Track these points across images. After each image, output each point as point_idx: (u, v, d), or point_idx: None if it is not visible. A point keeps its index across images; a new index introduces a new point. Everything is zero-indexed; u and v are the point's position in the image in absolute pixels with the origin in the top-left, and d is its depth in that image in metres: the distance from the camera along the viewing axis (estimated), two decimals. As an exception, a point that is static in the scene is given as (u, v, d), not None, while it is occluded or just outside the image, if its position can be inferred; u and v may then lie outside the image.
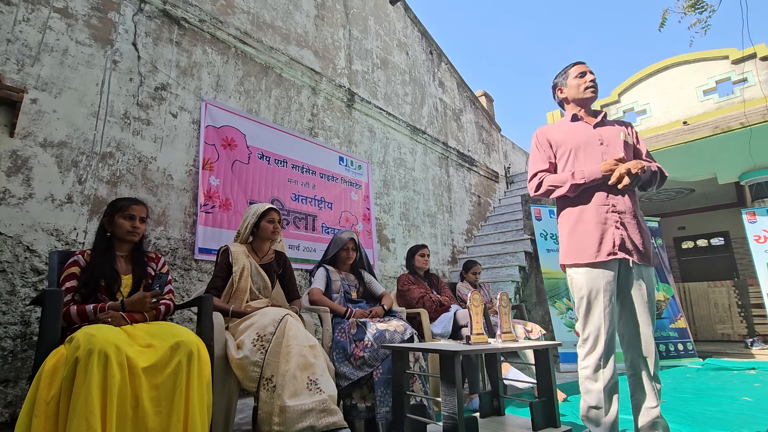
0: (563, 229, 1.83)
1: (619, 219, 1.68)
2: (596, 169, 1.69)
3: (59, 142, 2.49)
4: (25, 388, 2.13)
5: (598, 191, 1.72)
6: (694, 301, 7.23)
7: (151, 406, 1.34)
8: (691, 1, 3.32)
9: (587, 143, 1.79)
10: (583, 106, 1.90)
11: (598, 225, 1.69)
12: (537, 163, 1.89)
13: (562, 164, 1.84)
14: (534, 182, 1.86)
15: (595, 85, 1.85)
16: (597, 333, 1.63)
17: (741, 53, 5.59)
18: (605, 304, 1.63)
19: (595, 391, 1.62)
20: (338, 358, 2.07)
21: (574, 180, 1.72)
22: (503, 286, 4.88)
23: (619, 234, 1.66)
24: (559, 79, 1.96)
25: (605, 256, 1.65)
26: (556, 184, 1.78)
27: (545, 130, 1.93)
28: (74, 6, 2.68)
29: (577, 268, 1.73)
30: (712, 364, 4.38)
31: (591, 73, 1.87)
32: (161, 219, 2.88)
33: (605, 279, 1.65)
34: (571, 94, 1.90)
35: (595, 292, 1.65)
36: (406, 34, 6.06)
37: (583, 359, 1.67)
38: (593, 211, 1.71)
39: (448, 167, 6.24)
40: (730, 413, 2.41)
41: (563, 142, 1.84)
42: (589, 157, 1.77)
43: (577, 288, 1.72)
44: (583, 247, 1.70)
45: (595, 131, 1.82)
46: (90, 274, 1.67)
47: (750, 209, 5.10)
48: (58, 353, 1.35)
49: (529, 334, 3.14)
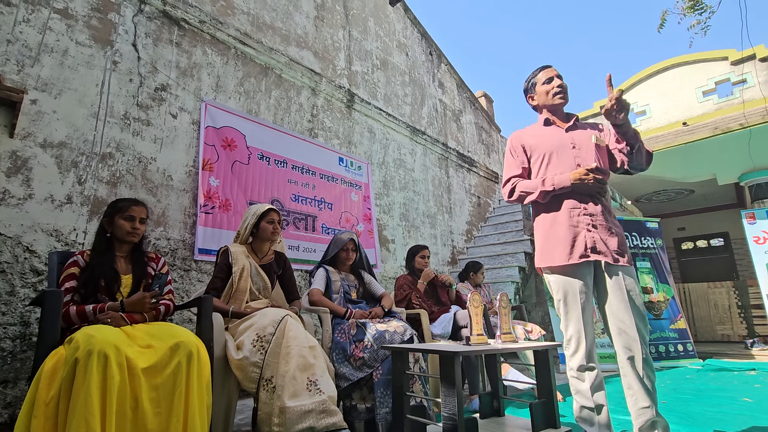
0: (538, 232, 1.87)
1: (591, 222, 1.71)
2: (565, 178, 1.72)
3: (59, 142, 2.49)
4: (25, 388, 2.13)
5: (569, 197, 1.76)
6: (693, 302, 7.23)
7: (150, 406, 1.33)
8: (690, 3, 3.32)
9: (560, 147, 1.82)
10: (554, 112, 1.93)
11: (570, 228, 1.72)
12: (510, 168, 1.93)
13: (536, 168, 1.87)
14: (507, 187, 1.90)
15: (563, 90, 1.88)
16: (578, 335, 1.66)
17: (740, 54, 5.60)
18: (581, 306, 1.67)
19: (584, 391, 1.64)
20: (338, 358, 2.07)
21: (543, 187, 1.76)
22: (503, 286, 4.88)
23: (591, 236, 1.69)
24: (527, 85, 1.98)
25: (577, 259, 1.68)
26: (527, 191, 1.82)
27: (519, 135, 1.96)
28: (74, 7, 2.69)
29: (552, 273, 1.76)
30: (712, 365, 4.38)
31: (558, 78, 1.89)
32: (161, 219, 2.88)
33: (579, 281, 1.69)
34: (541, 100, 1.93)
35: (571, 295, 1.69)
36: (406, 35, 6.06)
37: (570, 360, 1.70)
38: (565, 215, 1.74)
39: (448, 168, 6.24)
40: (730, 414, 2.41)
41: (537, 147, 1.87)
42: (561, 161, 1.80)
43: (555, 291, 1.76)
44: (556, 251, 1.74)
45: (567, 135, 1.85)
46: (90, 275, 1.67)
47: (749, 210, 5.10)
48: (57, 354, 1.35)
49: (528, 334, 3.14)
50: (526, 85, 1.99)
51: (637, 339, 1.61)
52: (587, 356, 1.65)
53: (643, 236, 5.23)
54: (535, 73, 1.95)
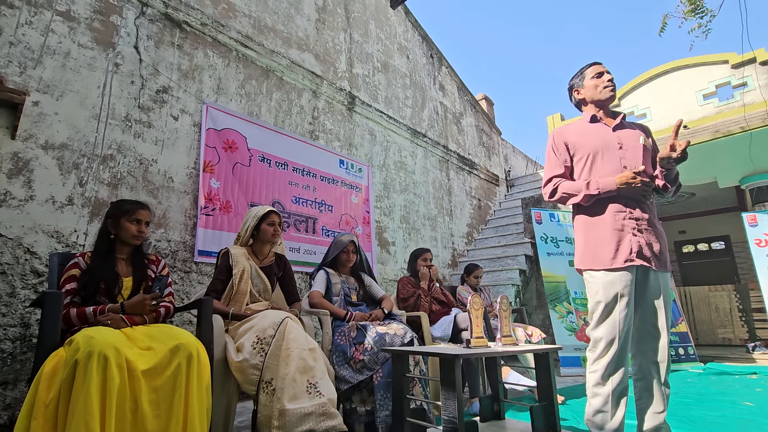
0: (579, 233, 1.80)
1: (636, 226, 1.66)
2: (611, 181, 1.66)
3: (60, 144, 2.49)
4: (24, 390, 2.13)
5: (614, 201, 1.69)
6: (695, 305, 7.22)
7: (150, 408, 1.33)
8: (691, 6, 3.33)
9: (606, 147, 1.75)
10: (602, 107, 1.86)
11: (615, 232, 1.66)
12: (552, 167, 1.85)
13: (579, 168, 1.80)
14: (549, 188, 1.83)
15: (613, 84, 1.82)
16: (610, 338, 1.60)
17: (741, 58, 5.61)
18: (621, 310, 1.60)
19: (603, 395, 1.59)
20: (338, 361, 2.07)
21: (588, 191, 1.70)
22: (503, 289, 4.87)
23: (637, 241, 1.64)
24: (575, 80, 1.92)
25: (622, 263, 1.63)
26: (570, 192, 1.75)
27: (562, 131, 1.88)
28: (77, 9, 2.70)
29: (594, 272, 1.69)
30: (713, 369, 4.36)
31: (608, 73, 1.84)
32: (162, 221, 2.88)
33: (622, 284, 1.62)
34: (589, 94, 1.86)
35: (612, 298, 1.62)
36: (407, 38, 6.08)
37: (593, 363, 1.64)
38: (610, 218, 1.69)
39: (449, 170, 6.25)
40: (731, 418, 2.40)
41: (581, 145, 1.80)
42: (607, 162, 1.73)
43: (594, 292, 1.69)
44: (599, 253, 1.68)
45: (614, 134, 1.78)
46: (90, 277, 1.67)
47: (751, 212, 5.09)
48: (57, 355, 1.35)
49: (529, 337, 3.13)
50: (573, 80, 1.93)
51: (667, 346, 1.61)
52: (616, 361, 1.59)
53: (644, 239, 5.21)
54: (584, 68, 1.89)
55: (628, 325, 1.62)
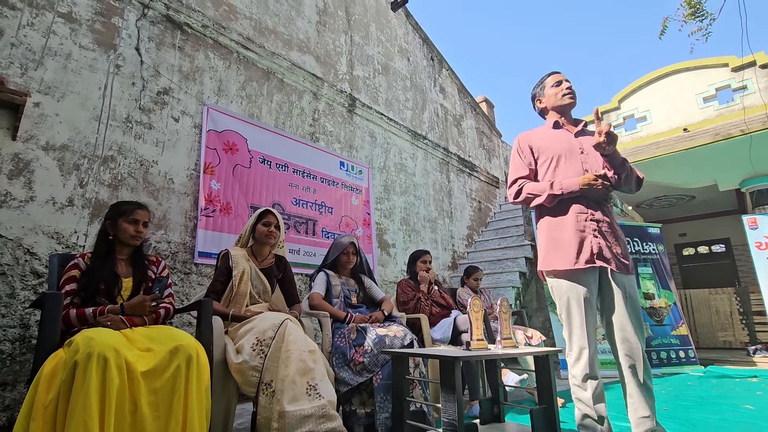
0: (541, 236, 1.85)
1: (597, 228, 1.71)
2: (574, 182, 1.71)
3: (61, 145, 2.50)
4: (24, 391, 2.12)
5: (576, 201, 1.74)
6: (695, 308, 7.21)
7: (149, 410, 1.33)
8: (691, 10, 3.34)
9: (568, 151, 1.82)
10: (563, 114, 1.93)
11: (577, 233, 1.71)
12: (518, 169, 1.91)
13: (543, 171, 1.86)
14: (514, 189, 1.89)
15: (572, 91, 1.89)
16: (580, 342, 1.64)
17: (740, 61, 5.62)
18: (585, 312, 1.65)
19: (585, 400, 1.63)
20: (338, 363, 2.06)
21: (552, 191, 1.75)
22: (504, 291, 4.86)
23: (597, 242, 1.68)
24: (536, 90, 2.00)
25: (583, 264, 1.67)
26: (534, 193, 1.80)
27: (527, 135, 1.95)
28: (78, 11, 2.71)
29: (556, 276, 1.74)
30: (713, 372, 4.35)
31: (567, 81, 1.91)
32: (162, 222, 2.88)
33: (584, 287, 1.67)
34: (550, 102, 1.93)
35: (575, 301, 1.67)
36: (408, 40, 6.09)
37: (572, 367, 1.68)
38: (572, 220, 1.73)
39: (449, 172, 6.25)
40: (731, 421, 2.39)
41: (545, 149, 1.86)
42: (569, 166, 1.80)
43: (558, 296, 1.74)
44: (561, 254, 1.72)
45: (576, 140, 1.85)
46: (90, 278, 1.67)
47: (751, 215, 5.09)
48: (56, 357, 1.35)
49: (529, 340, 3.13)
50: (535, 90, 2.00)
51: (640, 348, 1.62)
52: (590, 365, 1.62)
53: (645, 241, 5.22)
54: (544, 78, 1.97)
55: (593, 327, 1.65)
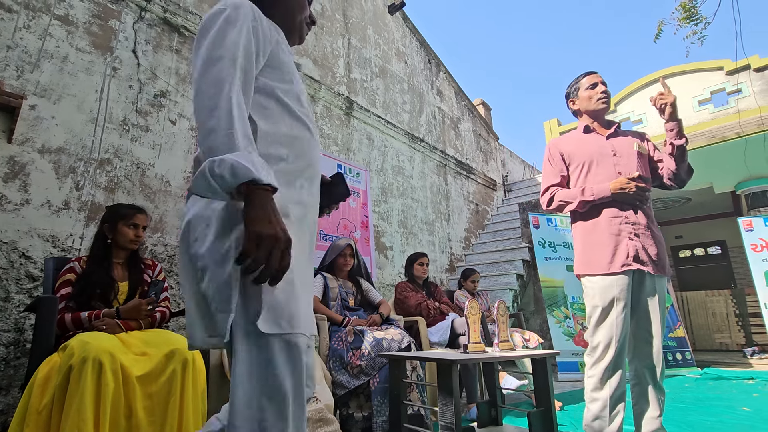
0: (577, 239, 1.83)
1: (633, 230, 1.69)
2: (605, 187, 1.70)
3: (57, 148, 2.49)
4: (18, 396, 2.10)
5: (609, 205, 1.73)
6: (691, 310, 7.23)
7: (144, 415, 1.32)
8: (686, 14, 3.36)
9: (600, 155, 1.79)
10: (596, 118, 1.90)
11: (612, 236, 1.69)
12: (549, 177, 1.90)
13: (575, 177, 1.84)
14: (546, 197, 1.88)
15: (607, 95, 1.86)
16: (607, 342, 1.62)
17: (735, 64, 5.66)
18: (618, 314, 1.63)
19: (601, 400, 1.61)
20: (335, 366, 2.06)
21: (583, 197, 1.74)
22: (501, 294, 4.87)
23: (633, 245, 1.67)
24: (570, 89, 1.96)
25: (619, 267, 1.65)
26: (566, 200, 1.79)
27: (557, 142, 1.93)
28: (75, 14, 2.70)
29: (591, 277, 1.72)
30: (710, 374, 4.36)
31: (603, 84, 1.87)
32: (158, 226, 2.87)
33: (619, 289, 1.64)
34: (583, 105, 1.90)
35: (609, 302, 1.65)
36: (405, 43, 6.11)
37: (591, 368, 1.66)
38: (606, 223, 1.72)
39: (446, 175, 6.26)
40: (728, 423, 2.40)
41: (576, 155, 1.84)
42: (601, 170, 1.77)
43: (591, 297, 1.72)
44: (597, 258, 1.70)
45: (607, 143, 1.82)
46: (86, 281, 1.66)
47: (747, 218, 5.12)
48: (51, 361, 1.34)
49: (526, 342, 3.13)
50: (569, 89, 1.97)
51: (661, 350, 1.64)
52: (613, 365, 1.61)
53: (641, 244, 5.23)
54: (579, 78, 1.93)
55: (625, 330, 1.64)
